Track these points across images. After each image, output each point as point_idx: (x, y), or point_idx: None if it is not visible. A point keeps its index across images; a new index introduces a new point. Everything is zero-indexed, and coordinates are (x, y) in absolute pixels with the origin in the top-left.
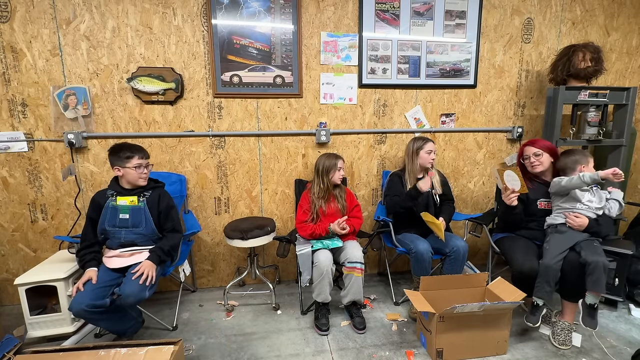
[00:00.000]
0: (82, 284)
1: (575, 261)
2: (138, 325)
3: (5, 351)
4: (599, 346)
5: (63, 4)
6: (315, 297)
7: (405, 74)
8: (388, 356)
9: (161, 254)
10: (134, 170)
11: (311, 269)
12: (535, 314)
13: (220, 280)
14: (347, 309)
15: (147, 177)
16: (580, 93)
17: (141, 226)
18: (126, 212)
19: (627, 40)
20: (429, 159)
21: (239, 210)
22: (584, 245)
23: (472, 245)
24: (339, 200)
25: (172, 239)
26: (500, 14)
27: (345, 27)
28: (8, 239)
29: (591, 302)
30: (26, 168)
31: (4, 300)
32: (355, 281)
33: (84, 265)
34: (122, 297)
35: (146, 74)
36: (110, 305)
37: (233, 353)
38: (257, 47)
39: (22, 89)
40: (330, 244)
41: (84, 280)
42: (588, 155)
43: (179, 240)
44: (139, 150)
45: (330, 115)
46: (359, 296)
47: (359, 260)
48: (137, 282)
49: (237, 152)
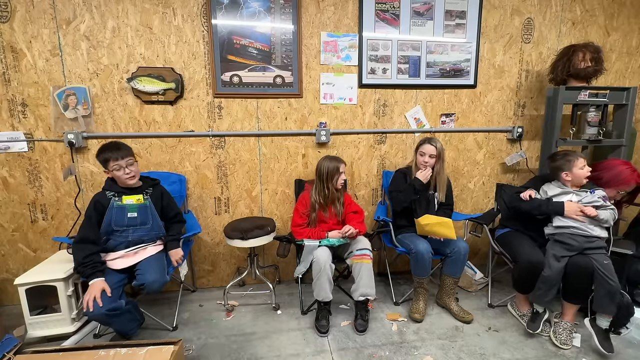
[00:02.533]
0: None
1: (579, 265)
2: (139, 326)
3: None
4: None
5: (63, 4)
6: (315, 296)
7: (405, 74)
8: (388, 356)
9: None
10: (115, 172)
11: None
12: (535, 320)
13: (220, 280)
14: (355, 305)
15: (134, 176)
16: (580, 93)
17: (149, 223)
18: (134, 211)
19: (627, 40)
20: (422, 160)
21: (239, 210)
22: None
23: (472, 245)
24: (337, 205)
25: (179, 227)
26: (500, 14)
27: (345, 27)
28: (8, 239)
29: (605, 327)
30: (26, 168)
31: (4, 300)
32: (365, 270)
33: (90, 275)
34: (146, 286)
35: (146, 74)
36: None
37: (233, 353)
38: (257, 47)
39: (22, 89)
40: (335, 241)
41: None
42: (573, 158)
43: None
44: (113, 152)
45: (330, 115)
46: (370, 290)
47: (367, 247)
48: (156, 269)
49: (237, 152)
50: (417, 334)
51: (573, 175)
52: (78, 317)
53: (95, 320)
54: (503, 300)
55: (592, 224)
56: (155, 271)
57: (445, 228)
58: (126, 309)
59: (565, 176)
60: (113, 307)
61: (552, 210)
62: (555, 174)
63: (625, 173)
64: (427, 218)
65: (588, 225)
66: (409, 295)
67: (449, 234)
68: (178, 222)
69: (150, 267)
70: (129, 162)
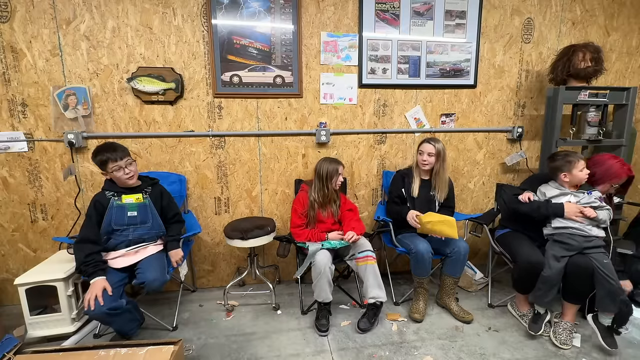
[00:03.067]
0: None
1: (580, 265)
2: (139, 326)
3: (5, 351)
4: (599, 346)
5: (63, 4)
6: (316, 297)
7: (405, 74)
8: (388, 356)
9: (178, 238)
10: (114, 173)
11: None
12: (537, 322)
13: (220, 280)
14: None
15: (133, 176)
16: (580, 93)
17: (149, 222)
18: (134, 210)
19: (627, 40)
20: (421, 159)
21: (239, 210)
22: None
23: (472, 245)
24: (333, 205)
25: (179, 227)
26: (500, 14)
27: (345, 27)
28: (8, 239)
29: (608, 324)
30: (26, 168)
31: (4, 300)
32: (371, 270)
33: (91, 274)
34: (147, 285)
35: (146, 74)
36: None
37: (233, 353)
38: (257, 47)
39: (22, 89)
40: (337, 243)
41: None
42: (574, 160)
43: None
44: (111, 153)
45: (330, 115)
46: (379, 292)
47: (368, 249)
48: (156, 267)
49: (237, 152)
50: (417, 334)
51: (572, 176)
52: (78, 317)
53: (96, 320)
54: (503, 300)
55: (591, 224)
56: (156, 270)
57: (448, 227)
58: (126, 308)
59: (563, 177)
60: (114, 307)
61: (552, 212)
62: (553, 174)
63: (616, 167)
64: (430, 215)
65: (586, 225)
66: (409, 295)
67: (451, 233)
68: (177, 222)
69: (150, 266)
70: (128, 162)
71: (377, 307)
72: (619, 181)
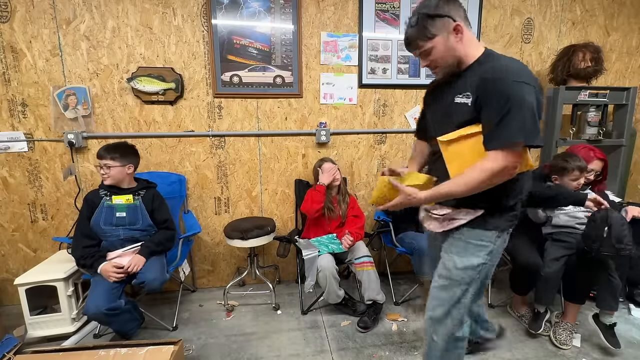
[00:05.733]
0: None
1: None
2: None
3: (5, 351)
4: (599, 346)
5: (63, 4)
6: (331, 302)
7: (405, 74)
8: (388, 356)
9: (153, 246)
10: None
11: (316, 274)
12: (537, 320)
13: (220, 280)
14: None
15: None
16: (580, 93)
17: (138, 223)
18: (123, 211)
19: (627, 40)
20: None
21: (239, 210)
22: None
23: None
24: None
25: (164, 234)
26: (500, 14)
27: (345, 27)
28: (8, 239)
29: (609, 323)
30: (26, 168)
31: (4, 300)
32: (368, 276)
33: (93, 264)
34: (146, 284)
35: (146, 74)
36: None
37: (233, 353)
38: (257, 47)
39: (22, 89)
40: (336, 248)
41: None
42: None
43: (170, 235)
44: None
45: (330, 115)
46: (376, 295)
47: (366, 254)
48: (155, 267)
49: (237, 152)
50: (417, 334)
51: (562, 182)
52: (78, 317)
53: (95, 320)
54: (503, 300)
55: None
56: (155, 269)
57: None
58: (126, 308)
59: (554, 180)
60: (112, 307)
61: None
62: (550, 173)
63: (582, 153)
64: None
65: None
66: (409, 295)
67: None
68: (165, 229)
69: (150, 266)
70: (104, 163)
71: (377, 306)
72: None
